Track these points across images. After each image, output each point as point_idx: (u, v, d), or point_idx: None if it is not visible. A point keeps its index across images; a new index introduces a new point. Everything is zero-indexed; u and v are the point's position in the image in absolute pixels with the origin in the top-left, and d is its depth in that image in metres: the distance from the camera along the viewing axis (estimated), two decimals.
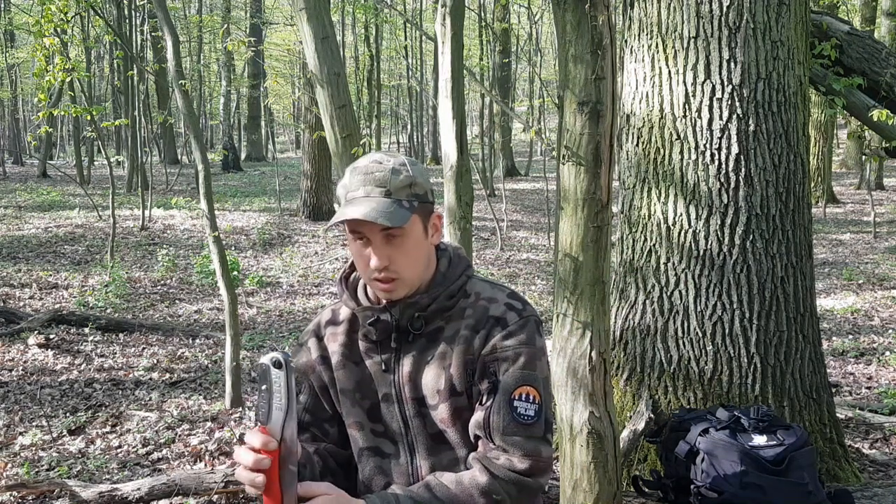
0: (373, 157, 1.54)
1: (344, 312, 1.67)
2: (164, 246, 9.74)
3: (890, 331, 6.21)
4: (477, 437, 1.53)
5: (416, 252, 1.52)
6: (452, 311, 1.58)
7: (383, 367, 1.59)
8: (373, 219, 1.44)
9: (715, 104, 3.08)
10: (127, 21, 16.08)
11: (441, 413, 1.55)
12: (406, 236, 1.50)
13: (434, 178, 1.61)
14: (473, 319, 1.56)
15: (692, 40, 3.10)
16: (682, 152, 3.13)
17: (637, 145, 3.26)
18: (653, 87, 3.20)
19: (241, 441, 1.52)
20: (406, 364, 1.57)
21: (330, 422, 1.68)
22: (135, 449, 4.02)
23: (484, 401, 1.51)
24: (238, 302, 5.27)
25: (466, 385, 1.54)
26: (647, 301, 3.22)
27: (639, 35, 3.25)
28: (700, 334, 3.12)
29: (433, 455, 1.58)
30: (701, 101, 3.10)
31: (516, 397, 1.49)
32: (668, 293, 3.17)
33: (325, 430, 1.67)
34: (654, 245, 3.21)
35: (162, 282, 8.23)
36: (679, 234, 3.14)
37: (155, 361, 5.55)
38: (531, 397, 1.50)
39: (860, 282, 8.20)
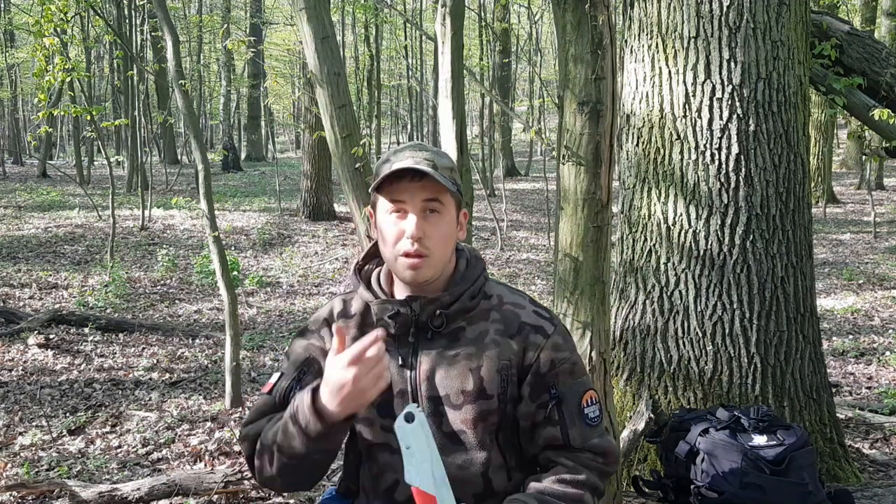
0: (415, 143, 1.61)
1: (356, 305, 1.66)
2: (164, 246, 9.75)
3: (890, 331, 6.21)
4: (550, 446, 1.59)
5: (448, 234, 1.56)
6: (474, 311, 1.61)
7: (400, 362, 1.59)
8: (427, 170, 1.49)
9: (715, 104, 3.08)
10: (127, 21, 16.08)
11: (465, 414, 1.56)
12: (443, 214, 1.54)
13: None
14: (502, 324, 1.60)
15: (692, 40, 3.10)
16: (682, 152, 3.13)
17: (637, 145, 3.26)
18: (653, 87, 3.20)
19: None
20: (425, 362, 1.58)
21: None
22: (135, 449, 4.02)
23: (553, 416, 1.58)
24: (238, 302, 5.27)
25: (500, 389, 1.57)
26: (647, 301, 3.22)
27: (639, 35, 3.25)
28: (700, 334, 3.12)
29: (444, 455, 1.55)
30: (701, 101, 3.10)
31: (584, 405, 1.60)
32: (668, 293, 3.17)
33: None
34: (654, 245, 3.21)
35: (162, 282, 8.23)
36: (679, 234, 3.14)
37: (155, 361, 5.55)
38: (593, 399, 1.62)
39: (860, 282, 8.20)
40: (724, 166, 3.08)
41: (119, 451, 4.02)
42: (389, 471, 1.60)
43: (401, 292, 1.61)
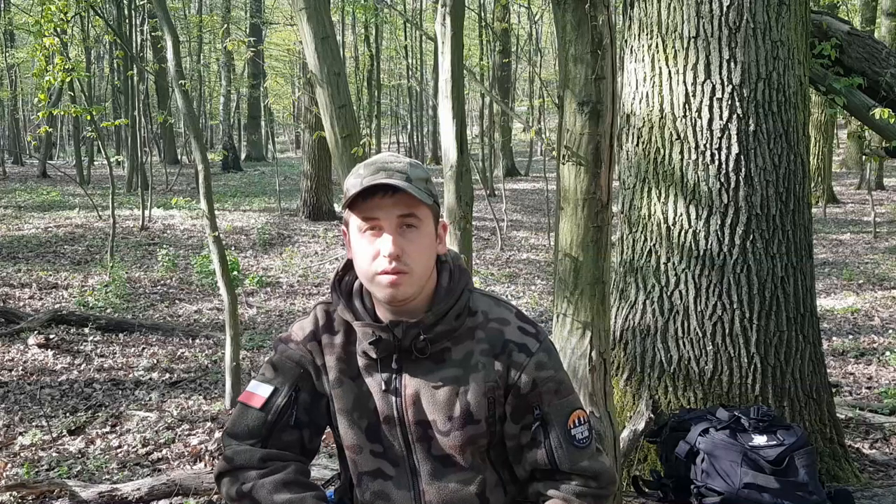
0: (386, 155, 1.52)
1: (339, 319, 1.58)
2: (164, 246, 9.74)
3: (890, 331, 6.21)
4: (537, 472, 1.54)
5: (427, 248, 1.48)
6: (459, 331, 1.53)
7: (384, 387, 1.52)
8: (403, 186, 1.41)
9: (715, 104, 3.08)
10: (127, 21, 16.08)
11: (453, 440, 1.51)
12: (420, 229, 1.46)
13: (434, 178, 1.59)
14: (488, 344, 1.52)
15: (692, 40, 3.10)
16: (682, 152, 3.13)
17: (637, 145, 3.26)
18: (653, 87, 3.19)
19: None
20: (410, 386, 1.51)
21: (321, 428, 1.61)
22: (135, 449, 4.02)
23: (538, 437, 1.52)
24: (238, 302, 5.27)
25: (488, 412, 1.51)
26: (647, 301, 3.22)
27: (639, 35, 3.25)
28: (700, 334, 3.12)
29: (437, 479, 1.53)
30: (701, 101, 3.10)
31: (571, 426, 1.52)
32: (668, 293, 3.17)
33: (313, 435, 1.60)
34: (654, 245, 3.20)
35: (162, 282, 8.23)
36: (679, 234, 3.14)
37: (155, 361, 5.55)
38: (581, 419, 1.54)
39: (860, 282, 8.20)
40: (724, 166, 3.08)
41: (119, 451, 4.02)
42: (381, 499, 1.55)
43: (382, 309, 1.53)
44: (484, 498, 1.54)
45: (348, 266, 1.59)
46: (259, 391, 1.56)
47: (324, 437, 1.69)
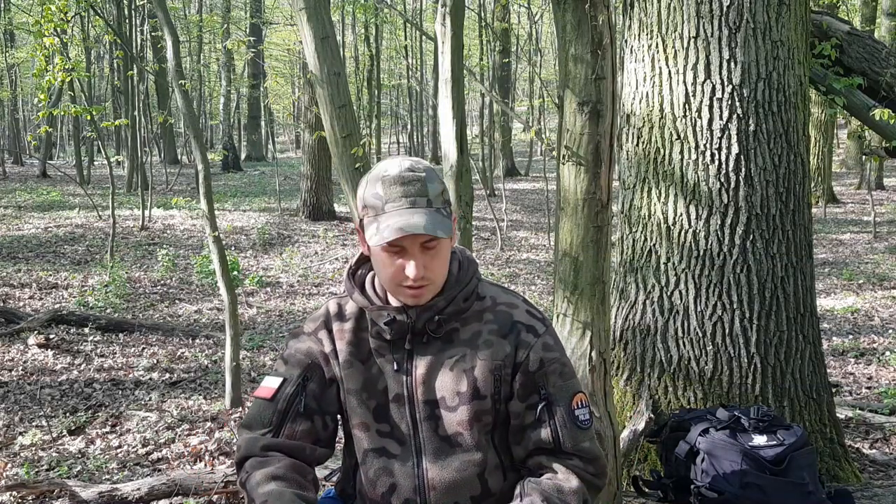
0: (401, 166, 1.52)
1: (350, 308, 1.66)
2: (164, 246, 9.74)
3: (890, 331, 6.21)
4: (539, 450, 1.58)
5: (446, 258, 1.56)
6: (468, 313, 1.61)
7: (396, 367, 1.59)
8: (432, 232, 1.45)
9: (715, 104, 3.08)
10: (127, 21, 16.07)
11: (460, 415, 1.57)
12: (442, 244, 1.52)
13: None
14: (496, 324, 1.60)
15: (692, 40, 3.10)
16: (682, 152, 3.13)
17: (637, 145, 3.26)
18: (653, 87, 3.19)
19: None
20: (420, 366, 1.58)
21: (332, 415, 1.67)
22: (135, 449, 4.02)
23: (543, 417, 1.57)
24: (238, 302, 5.27)
25: (494, 389, 1.58)
26: (647, 301, 3.22)
27: (639, 35, 3.25)
28: (700, 334, 3.12)
29: (440, 458, 1.58)
30: (701, 101, 3.10)
31: (575, 406, 1.59)
32: (668, 293, 3.17)
33: (326, 423, 1.66)
34: (654, 245, 3.21)
35: (162, 282, 8.23)
36: (679, 233, 3.14)
37: (155, 361, 5.55)
38: (583, 402, 1.61)
39: (860, 282, 8.19)
40: (724, 166, 3.08)
41: (119, 451, 4.02)
42: (385, 475, 1.60)
43: (396, 299, 1.61)
44: (483, 479, 1.59)
45: (361, 260, 1.68)
46: (269, 383, 1.64)
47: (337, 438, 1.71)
